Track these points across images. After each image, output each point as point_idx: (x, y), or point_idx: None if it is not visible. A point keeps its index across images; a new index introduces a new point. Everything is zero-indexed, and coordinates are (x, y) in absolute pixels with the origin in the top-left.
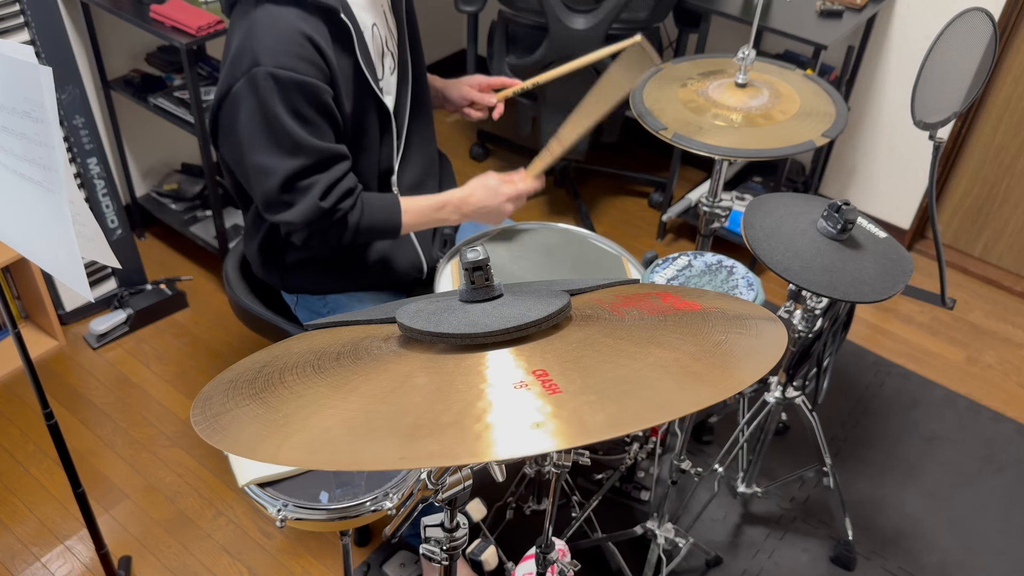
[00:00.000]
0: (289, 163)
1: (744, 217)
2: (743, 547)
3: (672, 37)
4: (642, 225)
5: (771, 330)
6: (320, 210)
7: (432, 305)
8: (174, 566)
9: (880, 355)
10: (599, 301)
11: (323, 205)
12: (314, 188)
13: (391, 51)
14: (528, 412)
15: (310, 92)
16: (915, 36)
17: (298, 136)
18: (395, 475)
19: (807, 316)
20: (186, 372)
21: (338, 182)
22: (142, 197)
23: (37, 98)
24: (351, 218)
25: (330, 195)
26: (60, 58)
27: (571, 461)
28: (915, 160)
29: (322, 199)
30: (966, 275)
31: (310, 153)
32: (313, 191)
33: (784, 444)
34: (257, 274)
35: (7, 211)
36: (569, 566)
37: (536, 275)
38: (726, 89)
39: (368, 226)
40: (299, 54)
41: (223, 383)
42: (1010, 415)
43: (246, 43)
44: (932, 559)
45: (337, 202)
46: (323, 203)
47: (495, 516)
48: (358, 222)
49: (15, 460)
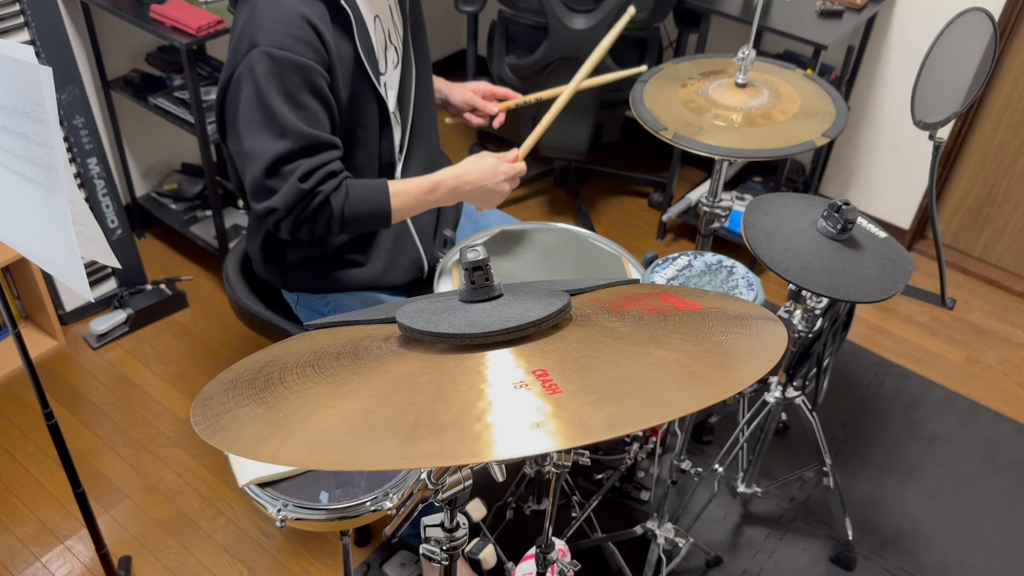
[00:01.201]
0: (275, 146)
1: (744, 217)
2: (743, 547)
3: (672, 37)
4: (642, 225)
5: (771, 330)
6: (300, 191)
7: (432, 305)
8: (174, 566)
9: (880, 355)
10: (599, 301)
11: (303, 187)
12: (295, 172)
13: (395, 46)
14: (528, 412)
15: (306, 73)
16: (915, 36)
17: (287, 120)
18: (395, 475)
19: (807, 316)
20: (186, 372)
21: (321, 166)
22: (142, 197)
23: (37, 98)
24: (335, 201)
25: (311, 177)
26: (60, 58)
27: (571, 461)
28: (915, 160)
29: (302, 181)
30: (966, 275)
31: (297, 138)
32: (294, 174)
33: (784, 444)
34: (258, 272)
35: (7, 211)
36: (569, 566)
37: (536, 275)
38: (726, 89)
39: (354, 212)
40: (297, 35)
41: (223, 383)
42: (1010, 415)
43: (247, 27)
44: (932, 559)
45: (318, 184)
46: (303, 185)
47: (495, 516)
48: (343, 207)
49: (15, 460)
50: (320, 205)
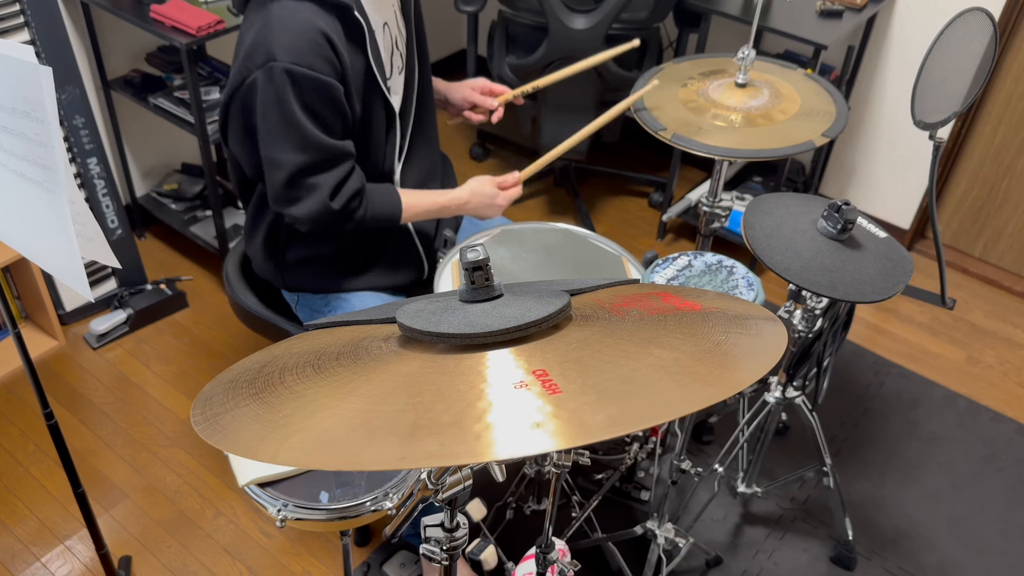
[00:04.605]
0: (296, 158)
1: (744, 217)
2: (743, 547)
3: (672, 37)
4: (642, 225)
5: (771, 330)
6: (330, 211)
7: (432, 305)
8: (174, 566)
9: (880, 355)
10: (599, 301)
11: (333, 207)
12: (321, 188)
13: (400, 51)
14: (528, 412)
15: (324, 90)
16: (915, 36)
17: (308, 132)
18: (395, 475)
19: (807, 316)
20: (186, 372)
21: (345, 182)
22: (142, 197)
23: (37, 98)
24: (357, 215)
25: (339, 196)
26: (60, 58)
27: (571, 461)
28: (915, 160)
29: (332, 199)
30: (966, 275)
31: (318, 150)
32: (321, 191)
33: (784, 444)
34: (258, 272)
35: (7, 211)
36: (569, 566)
37: (536, 275)
38: (726, 89)
39: (371, 218)
40: (315, 51)
41: (223, 383)
42: (1010, 415)
43: (261, 38)
44: (932, 559)
45: (347, 203)
46: (333, 204)
47: (495, 516)
48: (363, 217)
49: (15, 460)
50: (344, 219)
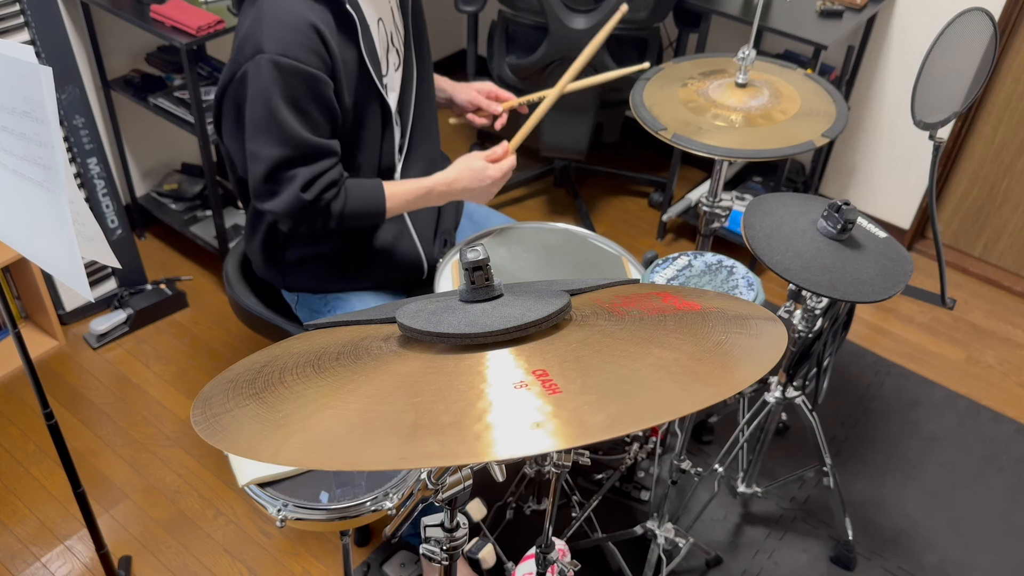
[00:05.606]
0: (275, 151)
1: (744, 217)
2: (743, 547)
3: (672, 37)
4: (642, 225)
5: (771, 330)
6: (302, 202)
7: (432, 305)
8: (174, 566)
9: (880, 355)
10: (599, 301)
11: (305, 197)
12: (295, 180)
13: (396, 48)
14: (528, 412)
15: (310, 82)
16: (915, 36)
17: (289, 126)
18: (395, 475)
19: (807, 316)
20: (186, 372)
21: (321, 175)
22: (142, 197)
23: (37, 98)
24: (334, 207)
25: (312, 187)
26: (60, 58)
27: (571, 461)
28: (915, 160)
29: (303, 191)
30: (966, 275)
31: (298, 145)
32: (294, 183)
33: (784, 444)
34: (258, 272)
35: (7, 211)
36: (569, 566)
37: (536, 275)
38: (726, 89)
39: (353, 211)
40: (303, 43)
41: (223, 383)
42: (1010, 415)
43: (252, 31)
44: (932, 559)
45: (320, 193)
46: (304, 195)
47: (495, 516)
48: (342, 209)
49: (15, 460)
50: (320, 211)
